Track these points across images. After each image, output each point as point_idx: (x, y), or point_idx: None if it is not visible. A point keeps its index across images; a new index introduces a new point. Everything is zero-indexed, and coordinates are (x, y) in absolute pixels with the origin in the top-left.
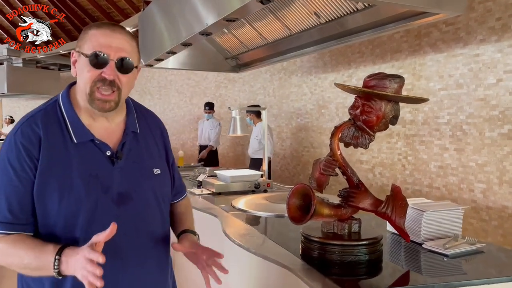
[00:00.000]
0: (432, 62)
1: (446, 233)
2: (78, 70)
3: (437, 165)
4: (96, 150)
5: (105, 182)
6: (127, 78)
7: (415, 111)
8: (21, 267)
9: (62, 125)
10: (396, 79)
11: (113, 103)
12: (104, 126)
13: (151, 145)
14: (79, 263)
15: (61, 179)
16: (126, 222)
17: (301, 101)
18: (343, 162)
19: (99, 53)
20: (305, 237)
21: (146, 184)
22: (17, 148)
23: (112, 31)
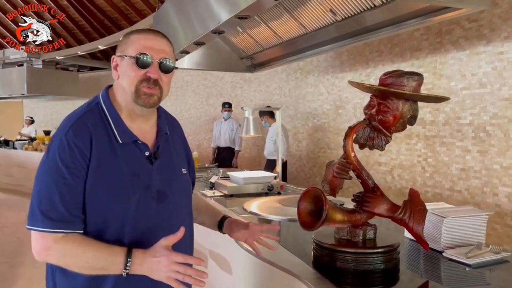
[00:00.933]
0: (454, 61)
1: (468, 240)
2: (122, 73)
3: (458, 167)
4: (137, 150)
5: (145, 181)
6: (168, 78)
7: (435, 111)
8: (84, 267)
9: (107, 126)
10: (415, 77)
11: (156, 98)
12: (141, 127)
13: (178, 146)
14: (162, 266)
15: (111, 178)
16: (164, 219)
17: (318, 101)
18: (357, 165)
19: (144, 55)
20: (316, 243)
21: (176, 183)
22: (70, 148)
23: (154, 35)
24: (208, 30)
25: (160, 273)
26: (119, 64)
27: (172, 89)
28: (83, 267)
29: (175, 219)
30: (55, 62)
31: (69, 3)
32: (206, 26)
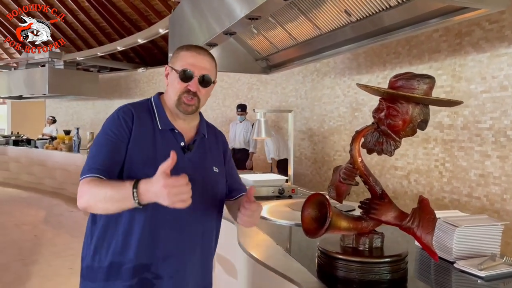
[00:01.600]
0: (473, 63)
1: (482, 251)
2: (170, 82)
3: (477, 173)
4: (173, 138)
5: (177, 165)
6: (206, 90)
7: (454, 115)
8: (106, 200)
9: (152, 115)
10: (426, 80)
11: (194, 107)
12: (182, 126)
13: (214, 148)
14: (162, 192)
15: (147, 151)
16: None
17: (334, 103)
18: (364, 170)
19: (187, 70)
20: (321, 251)
21: (207, 175)
22: (118, 119)
23: (198, 54)
24: (219, 32)
25: (164, 199)
26: (169, 74)
27: None
28: (104, 202)
29: (200, 205)
30: (76, 63)
31: (91, 5)
32: (218, 27)
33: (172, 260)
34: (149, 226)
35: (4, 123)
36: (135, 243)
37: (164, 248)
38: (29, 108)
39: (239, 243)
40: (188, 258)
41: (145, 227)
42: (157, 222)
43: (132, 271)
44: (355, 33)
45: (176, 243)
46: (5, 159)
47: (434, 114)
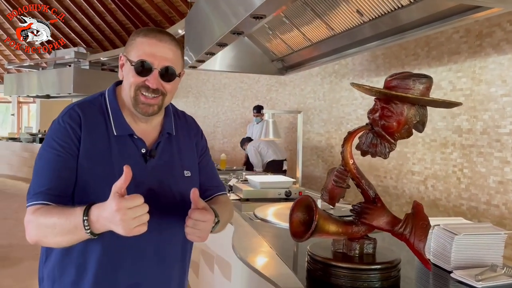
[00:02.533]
0: (494, 65)
1: (483, 261)
2: (124, 75)
3: (496, 180)
4: (133, 145)
5: (137, 177)
6: (170, 85)
7: (473, 119)
8: (55, 233)
9: (106, 117)
10: (422, 79)
11: (156, 107)
12: (142, 126)
13: (185, 147)
14: (115, 217)
15: (99, 168)
16: (152, 219)
17: (352, 105)
18: (356, 173)
19: (144, 62)
20: (310, 256)
21: (174, 185)
22: (64, 128)
23: (158, 40)
24: (227, 31)
25: (118, 226)
26: (124, 65)
27: (210, 91)
28: (54, 235)
29: (166, 222)
30: (101, 63)
31: (117, 7)
32: (226, 27)
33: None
34: (106, 258)
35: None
36: (92, 276)
37: (129, 280)
38: (57, 107)
39: (233, 246)
40: (161, 286)
41: (103, 258)
42: (117, 251)
43: None
44: (370, 32)
45: (144, 272)
46: (31, 156)
47: (453, 118)
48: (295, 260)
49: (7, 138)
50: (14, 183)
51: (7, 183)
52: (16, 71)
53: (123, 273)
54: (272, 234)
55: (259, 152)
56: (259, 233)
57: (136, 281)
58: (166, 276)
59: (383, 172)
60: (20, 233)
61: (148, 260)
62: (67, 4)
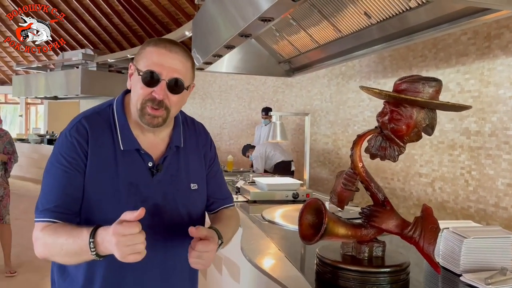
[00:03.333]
0: (503, 67)
1: (493, 265)
2: (133, 84)
3: (505, 182)
4: (140, 160)
5: (144, 193)
6: (177, 98)
7: (481, 121)
8: (62, 254)
9: (113, 131)
10: (432, 83)
11: (161, 120)
12: (149, 138)
13: (193, 159)
14: (112, 241)
15: (106, 183)
16: (157, 233)
17: (359, 107)
18: (365, 176)
19: (152, 72)
20: (319, 258)
21: (180, 199)
22: (71, 142)
23: (168, 51)
24: (235, 33)
25: (114, 250)
26: (133, 75)
27: (216, 92)
28: (61, 256)
29: (172, 237)
30: (108, 65)
31: (124, 9)
32: (234, 29)
33: None
34: (112, 273)
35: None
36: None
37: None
38: (64, 108)
39: (241, 248)
40: None
41: (108, 275)
42: (122, 268)
43: None
44: (378, 35)
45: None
46: (40, 157)
47: (461, 120)
48: (303, 263)
49: (16, 139)
50: (23, 184)
51: (16, 184)
52: (24, 73)
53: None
54: (280, 236)
55: (266, 156)
56: (267, 235)
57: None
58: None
59: (390, 174)
60: (30, 233)
61: (153, 274)
62: (74, 6)
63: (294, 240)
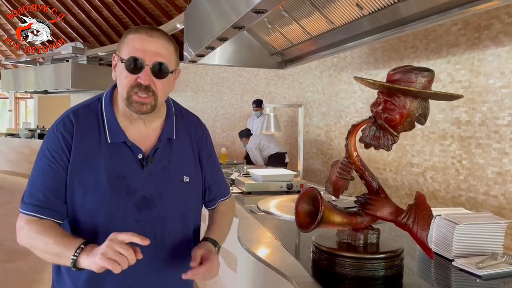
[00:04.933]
0: (492, 57)
1: (484, 250)
2: (117, 75)
3: (495, 171)
4: (129, 152)
5: (131, 185)
6: (162, 83)
7: (471, 111)
8: (42, 251)
9: (100, 124)
10: (424, 73)
11: (149, 106)
12: (140, 130)
13: (186, 151)
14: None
15: (89, 176)
16: (146, 227)
17: (351, 99)
18: (360, 165)
19: (135, 58)
20: (315, 246)
21: (172, 191)
22: (57, 137)
23: (149, 36)
24: (228, 25)
25: (95, 257)
26: (117, 65)
27: (208, 85)
28: (42, 252)
29: (163, 230)
30: (99, 58)
31: (114, 1)
32: (227, 21)
33: None
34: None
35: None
36: None
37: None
38: (55, 103)
39: (238, 237)
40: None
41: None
42: None
43: None
44: (370, 26)
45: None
46: (30, 152)
47: (452, 110)
48: (300, 251)
49: (6, 134)
50: (14, 179)
51: (7, 179)
52: (13, 67)
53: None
54: (276, 225)
55: (260, 148)
56: (263, 225)
57: (128, 286)
58: (160, 285)
59: (382, 164)
60: None
61: (140, 267)
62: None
63: (290, 229)
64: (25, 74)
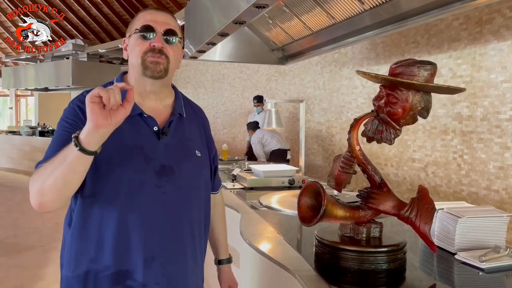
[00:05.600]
0: (494, 52)
1: (486, 243)
2: (130, 50)
3: (496, 165)
4: (144, 124)
5: (149, 154)
6: (173, 49)
7: (473, 105)
8: (51, 171)
9: None
10: (427, 66)
11: (162, 67)
12: (153, 105)
13: (195, 130)
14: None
15: (114, 141)
16: (167, 193)
17: (352, 94)
18: (362, 159)
19: (147, 26)
20: (318, 240)
21: (187, 162)
22: (74, 109)
23: (157, 11)
24: (229, 21)
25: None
26: (128, 44)
27: (209, 82)
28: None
29: (181, 197)
30: (99, 55)
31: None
32: (228, 17)
33: (156, 265)
34: (122, 230)
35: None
36: (110, 250)
37: (144, 253)
38: (55, 100)
39: (241, 232)
40: (175, 261)
41: (118, 232)
42: (132, 224)
43: (110, 280)
44: (371, 21)
45: (159, 246)
46: (31, 149)
47: (453, 104)
48: (302, 245)
49: (7, 132)
50: (15, 176)
51: (9, 176)
52: (13, 64)
53: (141, 247)
54: (278, 220)
55: (262, 143)
56: (265, 220)
57: (152, 255)
58: (182, 251)
59: (383, 159)
60: (25, 224)
61: (163, 235)
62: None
63: (292, 224)
64: (25, 72)
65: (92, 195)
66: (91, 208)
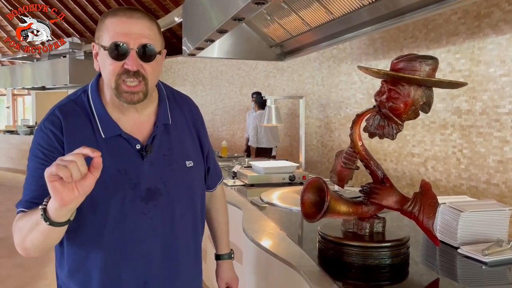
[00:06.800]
0: (493, 46)
1: (488, 237)
2: (101, 64)
3: (496, 159)
4: (126, 144)
5: (133, 178)
6: (152, 66)
7: (472, 99)
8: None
9: (91, 118)
10: (428, 61)
11: (141, 94)
12: (133, 118)
13: (184, 135)
14: None
15: None
16: (154, 218)
17: (351, 90)
18: (365, 154)
19: (118, 44)
20: (321, 235)
21: (177, 178)
22: (46, 134)
23: (130, 17)
24: (227, 18)
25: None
26: (99, 53)
27: (207, 79)
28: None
29: (172, 219)
30: None
31: None
32: (226, 13)
33: None
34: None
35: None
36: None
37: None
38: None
39: (243, 229)
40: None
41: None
42: (119, 255)
43: None
44: (369, 16)
45: (150, 271)
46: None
47: (452, 99)
48: (305, 241)
49: (5, 131)
50: (13, 175)
51: (7, 176)
52: (10, 63)
53: (128, 278)
54: (280, 216)
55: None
56: (267, 216)
57: (144, 280)
58: (175, 273)
59: (383, 155)
60: None
61: (154, 259)
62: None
63: (294, 220)
64: (22, 71)
65: (77, 228)
66: (75, 240)
